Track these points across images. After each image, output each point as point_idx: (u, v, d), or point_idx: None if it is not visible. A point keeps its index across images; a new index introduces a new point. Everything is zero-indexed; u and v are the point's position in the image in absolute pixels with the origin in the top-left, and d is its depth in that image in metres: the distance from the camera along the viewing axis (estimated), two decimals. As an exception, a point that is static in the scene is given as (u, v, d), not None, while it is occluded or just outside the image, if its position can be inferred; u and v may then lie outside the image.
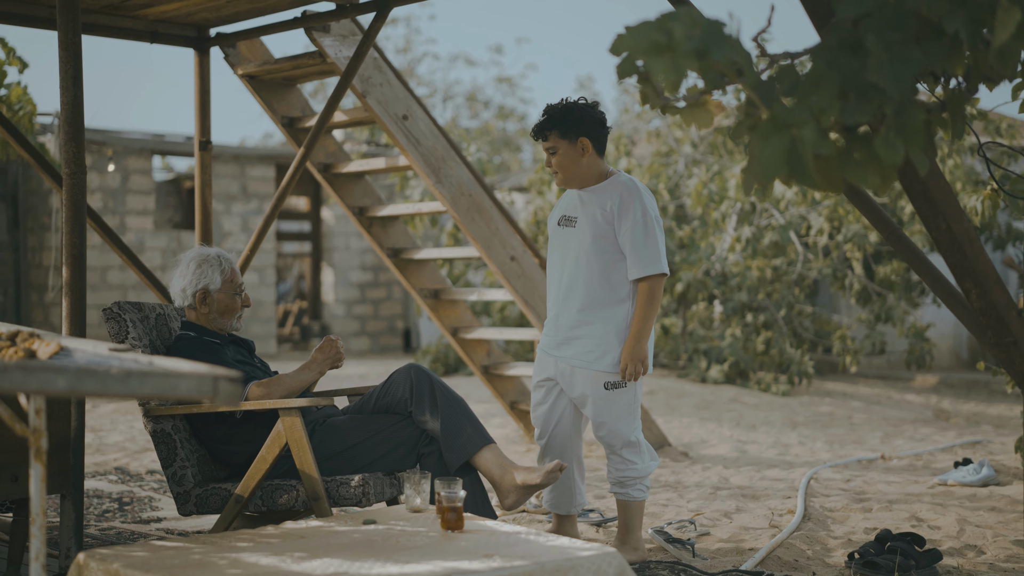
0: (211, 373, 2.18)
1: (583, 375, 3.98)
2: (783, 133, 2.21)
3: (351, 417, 3.89)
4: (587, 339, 3.98)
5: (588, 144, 3.98)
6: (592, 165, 4.02)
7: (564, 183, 4.06)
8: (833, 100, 2.16)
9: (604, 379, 3.97)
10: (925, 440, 7.78)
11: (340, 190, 6.62)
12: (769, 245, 10.13)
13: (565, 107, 4.01)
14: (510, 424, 7.81)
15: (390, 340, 15.85)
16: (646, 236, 3.88)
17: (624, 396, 3.99)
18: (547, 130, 3.99)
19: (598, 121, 4.02)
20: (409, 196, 11.36)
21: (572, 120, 3.97)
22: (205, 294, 3.96)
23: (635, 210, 3.89)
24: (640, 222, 3.88)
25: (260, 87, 6.33)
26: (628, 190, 3.95)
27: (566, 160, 3.98)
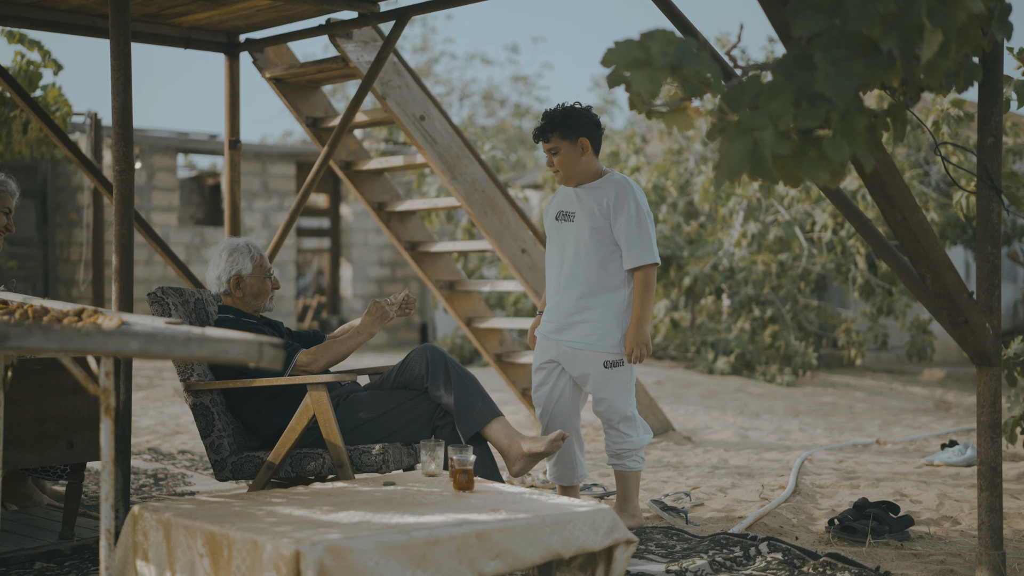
0: (257, 340, 2.55)
1: (585, 356, 4.35)
2: (747, 135, 2.56)
3: (372, 393, 4.26)
4: (588, 323, 4.34)
5: (587, 144, 4.35)
6: (590, 163, 4.38)
7: (565, 181, 4.43)
8: (789, 107, 2.52)
9: (604, 359, 4.34)
10: (922, 428, 8.08)
11: (360, 186, 6.99)
12: (774, 240, 10.47)
13: (565, 110, 4.38)
14: (522, 411, 8.17)
15: (407, 334, 16.24)
16: (639, 229, 4.25)
17: (622, 374, 4.35)
18: (549, 132, 4.36)
19: (595, 123, 4.39)
20: (426, 192, 11.75)
21: (572, 122, 4.34)
22: (238, 280, 4.34)
23: (629, 206, 4.27)
24: (634, 217, 4.25)
25: (286, 89, 6.71)
26: (622, 188, 4.32)
27: (567, 159, 4.36)
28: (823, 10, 2.39)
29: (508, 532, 3.00)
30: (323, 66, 6.33)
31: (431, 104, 6.50)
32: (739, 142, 2.58)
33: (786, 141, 2.55)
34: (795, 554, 3.89)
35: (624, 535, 3.21)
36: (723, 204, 11.02)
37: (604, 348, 4.34)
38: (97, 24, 5.48)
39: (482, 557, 2.93)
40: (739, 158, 2.57)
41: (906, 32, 2.30)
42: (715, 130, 2.68)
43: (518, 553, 3.01)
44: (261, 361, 2.53)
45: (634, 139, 13.12)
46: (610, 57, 2.57)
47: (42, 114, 5.53)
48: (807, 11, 2.42)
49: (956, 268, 11.44)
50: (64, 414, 3.80)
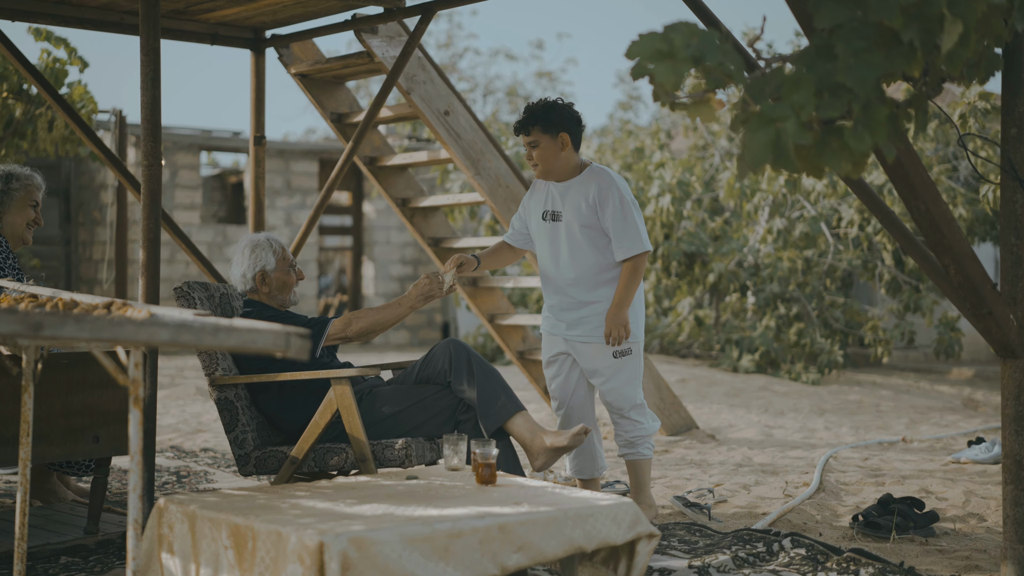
0: (284, 330, 2.56)
1: (593, 349, 4.37)
2: (769, 126, 2.55)
3: (395, 387, 4.27)
4: (592, 317, 4.37)
5: (567, 139, 4.37)
6: (569, 158, 4.39)
7: (544, 175, 4.44)
8: (811, 98, 2.51)
9: (612, 349, 4.35)
10: (950, 426, 8.01)
11: (384, 182, 7.01)
12: (800, 236, 10.42)
13: (547, 105, 4.40)
14: (544, 408, 8.16)
15: (429, 333, 16.27)
16: (625, 220, 4.27)
17: (630, 363, 4.38)
18: (530, 125, 4.38)
19: (576, 119, 4.42)
20: (449, 189, 11.76)
21: (554, 117, 4.36)
22: (263, 275, 4.36)
23: (613, 197, 4.29)
24: (619, 208, 4.27)
25: (311, 85, 6.73)
26: (604, 180, 4.34)
27: (547, 153, 4.37)
28: (845, 1, 2.38)
29: (530, 525, 3.00)
30: (348, 61, 6.35)
31: (455, 99, 6.50)
32: (761, 133, 2.57)
33: (808, 131, 2.54)
34: (819, 550, 3.87)
35: (647, 529, 3.21)
36: (748, 200, 10.98)
37: None
38: (126, 21, 5.52)
39: (505, 550, 2.94)
40: (761, 149, 2.57)
41: (927, 22, 2.29)
42: (738, 121, 2.68)
43: (540, 546, 3.01)
44: (288, 351, 2.54)
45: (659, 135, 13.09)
46: (634, 49, 2.57)
47: (72, 112, 5.57)
48: (829, 3, 2.41)
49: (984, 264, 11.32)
50: (90, 409, 3.83)
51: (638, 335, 4.40)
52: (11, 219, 4.48)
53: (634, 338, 4.37)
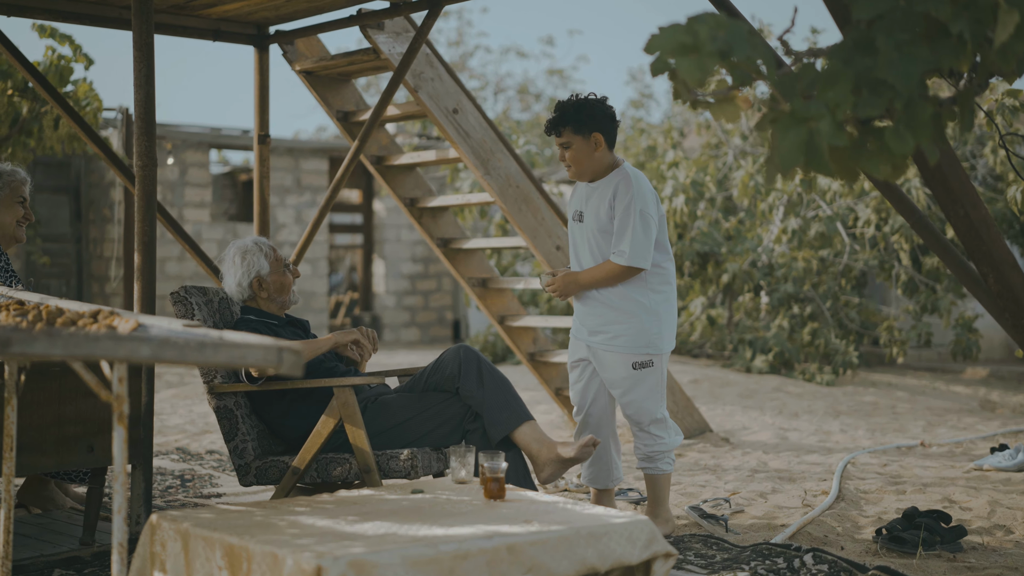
0: (276, 344, 2.41)
1: (613, 358, 4.20)
2: (801, 126, 2.39)
3: (401, 395, 4.12)
4: (615, 325, 4.20)
5: (600, 139, 4.19)
6: (603, 158, 4.22)
7: (577, 176, 4.28)
8: (847, 95, 2.35)
9: (632, 360, 4.18)
10: (968, 429, 7.84)
11: (392, 182, 6.86)
12: (815, 236, 10.23)
13: (578, 103, 4.22)
14: (555, 410, 8.01)
15: (440, 331, 16.12)
16: (624, 227, 4.10)
17: (651, 374, 4.20)
18: (561, 126, 4.20)
19: (610, 116, 4.23)
20: (459, 188, 11.60)
21: (585, 116, 4.18)
22: (259, 280, 4.21)
23: (623, 202, 4.12)
24: (626, 214, 4.10)
25: (316, 82, 6.58)
26: (625, 182, 4.16)
27: (579, 154, 4.20)
28: (886, -11, 2.22)
29: (541, 545, 2.85)
30: (354, 58, 6.20)
31: (464, 97, 6.35)
32: (793, 133, 2.41)
33: (843, 132, 2.39)
34: (842, 566, 3.71)
35: (663, 548, 3.05)
36: (763, 199, 10.79)
37: (632, 350, 4.20)
38: (124, 16, 5.38)
39: (513, 571, 2.78)
40: (792, 150, 2.41)
41: (978, 12, 2.12)
42: (766, 121, 2.51)
43: (551, 567, 2.85)
44: (280, 367, 2.39)
45: (671, 133, 12.91)
46: (654, 43, 2.41)
47: (70, 110, 5.43)
48: (868, -10, 2.25)
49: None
50: (83, 417, 3.68)
51: (661, 347, 4.22)
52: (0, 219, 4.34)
53: (656, 350, 4.21)
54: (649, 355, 4.18)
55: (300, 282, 14.68)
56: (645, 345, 4.17)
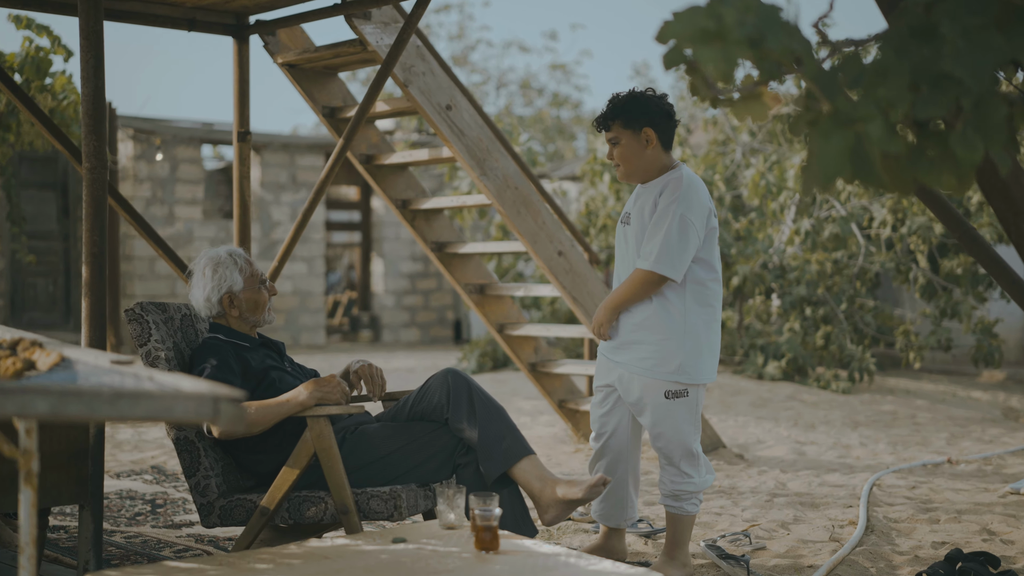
0: (212, 393, 1.99)
1: (641, 382, 3.77)
2: (847, 129, 1.97)
3: (384, 425, 3.70)
4: (644, 345, 3.77)
5: (652, 135, 3.77)
6: (656, 158, 3.80)
7: (626, 177, 3.86)
8: (903, 92, 1.94)
9: (664, 388, 3.76)
10: (994, 442, 7.43)
11: (383, 182, 6.44)
12: (829, 237, 9.77)
13: (630, 96, 3.81)
14: (558, 423, 7.60)
15: (440, 331, 15.71)
16: (658, 229, 3.68)
17: (684, 406, 3.77)
18: (610, 120, 3.80)
19: (664, 112, 3.80)
20: (457, 188, 11.17)
21: (636, 109, 3.76)
22: (231, 297, 3.79)
23: (666, 200, 3.69)
24: (663, 215, 3.68)
25: (300, 76, 6.16)
26: (675, 182, 3.74)
27: (628, 152, 3.79)
28: (951, -34, 1.80)
29: (537, 619, 2.43)
30: (339, 50, 5.77)
31: (458, 92, 5.92)
32: (836, 138, 2.00)
33: (898, 136, 1.97)
34: (879, 621, 3.28)
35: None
36: (773, 199, 10.34)
37: (663, 375, 3.76)
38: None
39: (505, 652, 2.37)
40: (836, 158, 2.00)
41: (1067, -8, 1.70)
42: (801, 123, 2.10)
43: (550, 645, 2.44)
44: (217, 421, 1.98)
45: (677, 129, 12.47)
46: (669, 30, 1.99)
47: (28, 102, 5.00)
48: (928, -32, 1.83)
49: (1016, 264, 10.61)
50: (22, 454, 3.26)
51: (698, 376, 3.79)
52: None
53: (691, 379, 3.77)
54: (683, 384, 3.76)
55: (294, 280, 14.26)
56: (677, 371, 3.74)
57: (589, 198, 11.06)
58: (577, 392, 6.96)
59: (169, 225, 13.13)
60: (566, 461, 6.37)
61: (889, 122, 1.95)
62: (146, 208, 12.98)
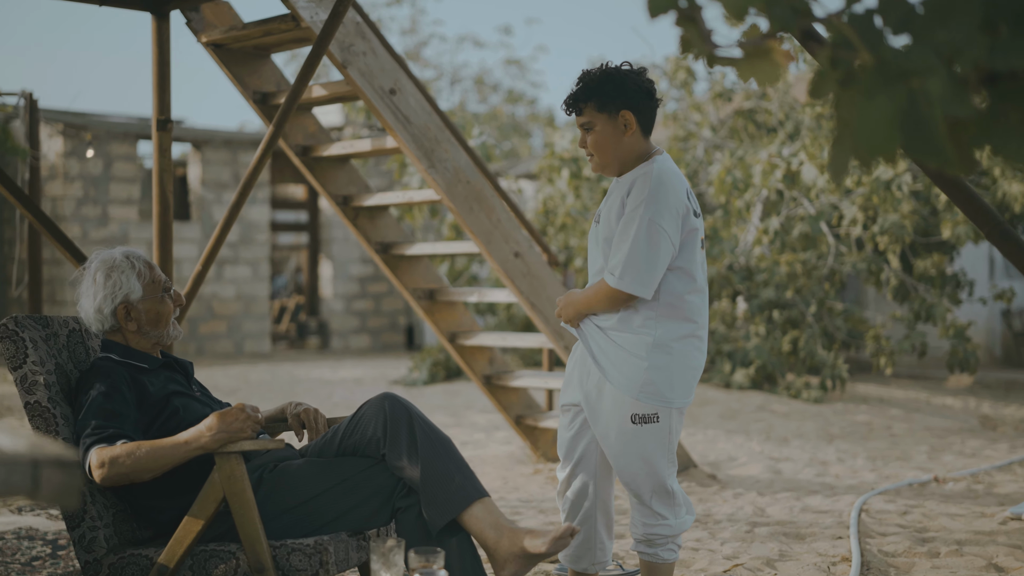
0: (31, 457, 1.42)
1: (607, 403, 3.20)
2: (897, 87, 1.44)
3: (309, 461, 3.11)
4: (611, 354, 3.21)
5: (631, 119, 3.20)
6: (634, 145, 3.24)
7: (600, 168, 3.29)
8: (973, 35, 1.45)
9: (631, 409, 3.18)
10: (976, 456, 7.00)
11: (321, 176, 5.84)
12: (799, 237, 9.26)
13: (604, 73, 3.23)
14: (515, 440, 7.04)
15: (392, 337, 15.09)
16: (623, 236, 3.12)
17: (654, 433, 3.19)
18: (581, 101, 3.22)
19: (645, 91, 3.23)
20: (407, 184, 10.55)
21: (612, 89, 3.19)
22: (127, 308, 3.18)
23: (633, 201, 3.13)
24: (631, 220, 3.11)
25: (228, 58, 5.54)
26: (643, 179, 3.17)
27: (604, 139, 3.22)
28: None
29: None
30: (270, 27, 5.16)
31: (404, 75, 5.34)
32: (882, 99, 1.46)
33: (968, 95, 1.46)
34: None
35: None
36: (739, 196, 9.83)
37: (630, 390, 3.18)
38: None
39: None
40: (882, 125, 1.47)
41: None
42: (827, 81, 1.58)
43: None
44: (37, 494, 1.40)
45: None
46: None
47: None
48: None
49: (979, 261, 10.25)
50: None
51: (670, 398, 3.22)
52: None
53: (662, 401, 3.19)
54: (653, 406, 3.18)
55: (238, 285, 13.57)
56: (644, 389, 3.16)
57: (547, 196, 10.49)
58: (535, 407, 6.41)
59: (102, 227, 12.40)
60: (524, 484, 5.81)
61: (955, 76, 1.45)
62: (77, 209, 12.26)
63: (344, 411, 8.30)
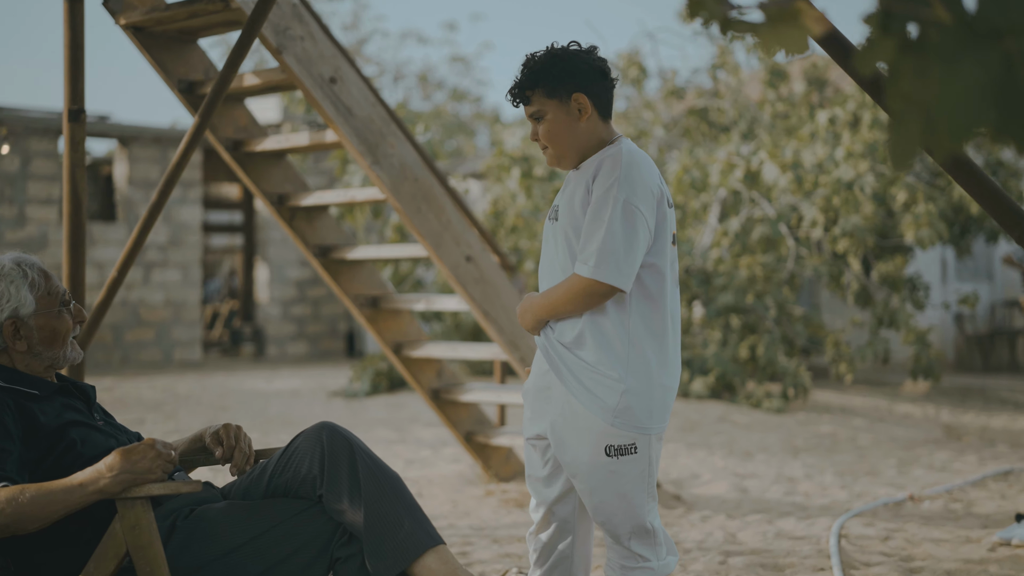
0: None
1: (576, 430, 2.76)
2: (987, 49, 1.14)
3: (233, 504, 2.64)
4: (581, 373, 2.77)
5: (586, 102, 2.78)
6: (591, 131, 2.81)
7: (557, 161, 2.87)
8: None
9: (604, 440, 2.75)
10: (946, 470, 6.71)
11: (254, 174, 5.35)
12: (759, 240, 8.90)
13: (550, 55, 2.81)
14: (465, 457, 6.59)
15: (331, 344, 14.55)
16: (595, 223, 2.69)
17: (633, 466, 2.76)
18: (528, 88, 2.80)
19: (598, 70, 2.82)
20: (349, 183, 10.04)
21: (561, 72, 2.77)
22: (16, 324, 2.68)
23: (603, 184, 2.71)
24: (602, 202, 2.69)
25: (150, 43, 5.03)
26: (611, 160, 2.75)
27: (557, 127, 2.79)
28: None
29: None
30: (196, 8, 4.66)
31: (345, 63, 4.87)
32: (969, 66, 1.15)
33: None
34: None
35: None
36: (696, 196, 9.47)
37: (604, 416, 2.75)
38: None
39: None
40: (971, 99, 1.14)
41: None
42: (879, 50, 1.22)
43: None
44: None
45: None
46: None
47: None
48: None
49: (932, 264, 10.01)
50: None
51: (648, 425, 2.78)
52: None
53: (640, 427, 2.76)
54: (630, 435, 2.75)
55: (167, 290, 12.95)
56: (620, 416, 2.73)
57: (496, 196, 10.03)
58: (487, 423, 5.97)
59: (19, 228, 11.72)
60: (475, 508, 5.37)
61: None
62: (-6, 208, 11.59)
63: (279, 427, 7.77)
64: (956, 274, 13.45)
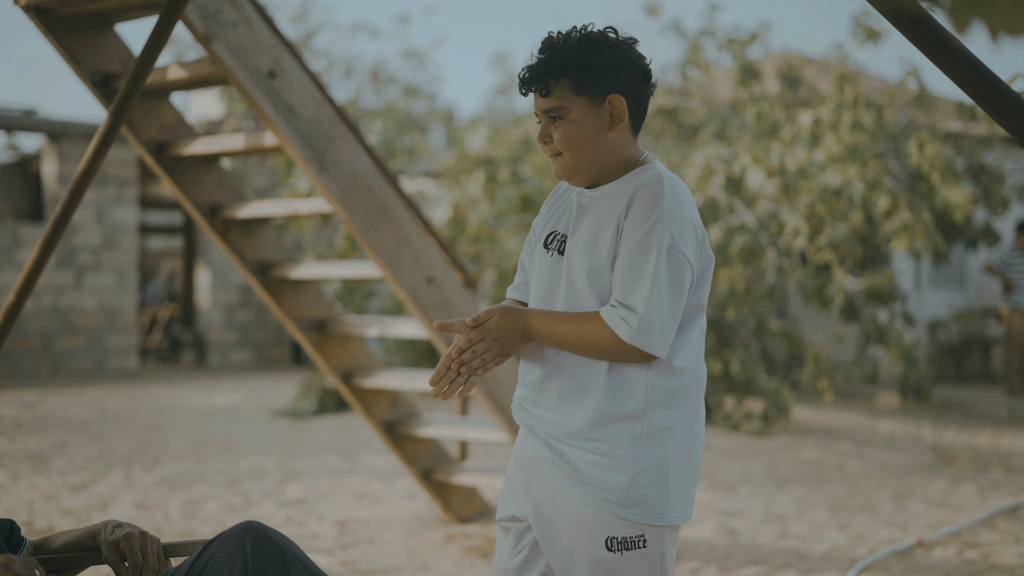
0: None
1: (569, 517, 2.14)
2: None
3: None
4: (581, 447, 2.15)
5: (623, 109, 2.15)
6: (620, 147, 2.20)
7: (567, 173, 2.23)
8: None
9: (606, 531, 2.12)
10: (946, 504, 6.18)
11: (182, 180, 4.64)
12: (740, 250, 8.30)
13: (588, 40, 2.17)
14: (420, 494, 5.92)
15: (277, 352, 13.79)
16: (640, 271, 2.08)
17: (642, 563, 2.14)
18: (552, 76, 2.16)
19: (641, 71, 2.19)
20: (295, 187, 9.29)
21: (600, 63, 2.15)
22: None
23: (643, 222, 2.09)
24: (644, 245, 2.08)
25: (58, 28, 4.30)
26: (651, 190, 2.13)
27: (580, 133, 2.16)
28: None
29: None
30: (109, -13, 3.95)
31: (288, 56, 4.18)
32: None
33: None
34: None
35: None
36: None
37: (609, 504, 2.12)
38: None
39: None
40: None
41: None
42: None
43: None
44: None
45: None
46: None
47: None
48: None
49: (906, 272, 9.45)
50: None
51: (666, 514, 2.15)
52: None
53: (654, 517, 2.13)
54: (639, 525, 2.12)
55: (100, 294, 12.12)
56: (631, 502, 2.11)
57: (457, 200, 9.32)
58: (446, 459, 5.33)
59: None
60: (435, 559, 4.71)
61: None
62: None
63: (215, 453, 7.01)
64: (930, 282, 12.99)
